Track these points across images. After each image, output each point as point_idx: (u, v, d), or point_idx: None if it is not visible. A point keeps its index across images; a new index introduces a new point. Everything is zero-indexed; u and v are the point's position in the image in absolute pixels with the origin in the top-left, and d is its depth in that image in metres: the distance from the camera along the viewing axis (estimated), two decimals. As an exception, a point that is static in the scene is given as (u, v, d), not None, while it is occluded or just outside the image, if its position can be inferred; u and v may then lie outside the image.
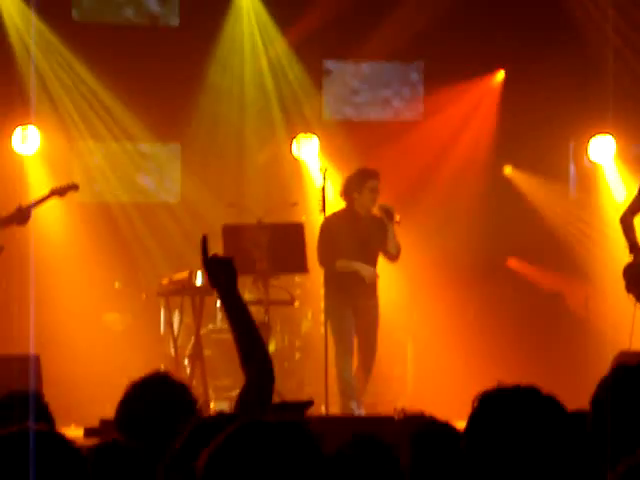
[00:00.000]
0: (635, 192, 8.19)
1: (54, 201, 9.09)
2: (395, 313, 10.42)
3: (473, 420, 2.49)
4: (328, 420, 7.38)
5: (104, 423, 6.64)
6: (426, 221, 11.13)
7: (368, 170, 9.03)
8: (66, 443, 2.31)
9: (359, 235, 8.84)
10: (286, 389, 9.16)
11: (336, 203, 9.45)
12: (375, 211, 8.96)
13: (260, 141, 11.35)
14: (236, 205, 9.32)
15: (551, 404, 2.49)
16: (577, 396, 5.41)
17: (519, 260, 11.40)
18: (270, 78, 11.41)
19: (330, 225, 8.83)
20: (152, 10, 11.44)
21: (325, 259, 8.77)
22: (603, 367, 7.93)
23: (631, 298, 8.01)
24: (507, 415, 2.45)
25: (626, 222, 8.07)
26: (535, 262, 11.24)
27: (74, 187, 8.79)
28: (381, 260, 9.13)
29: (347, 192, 8.93)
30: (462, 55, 11.18)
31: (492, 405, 2.48)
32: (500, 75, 11.71)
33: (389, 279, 10.10)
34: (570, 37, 11.06)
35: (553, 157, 11.39)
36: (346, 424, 6.78)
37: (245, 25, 11.45)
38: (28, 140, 10.86)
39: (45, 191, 8.85)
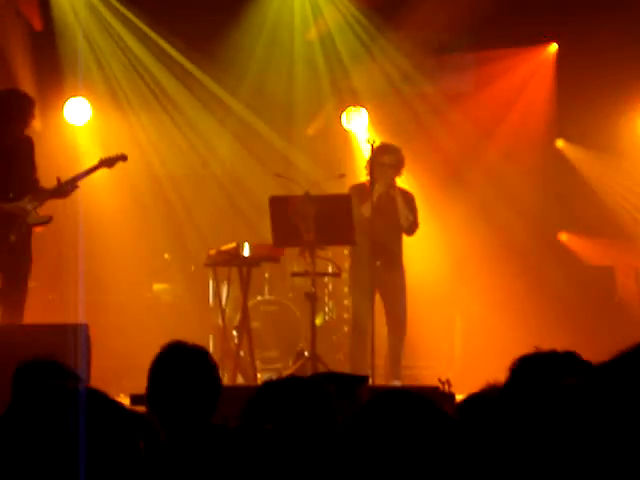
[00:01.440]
0: None
1: (105, 172, 9.13)
2: (444, 287, 10.38)
3: (511, 380, 2.48)
4: (374, 390, 7.38)
5: (150, 392, 6.69)
6: (477, 194, 11.05)
7: (382, 146, 9.10)
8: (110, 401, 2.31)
9: (377, 208, 8.87)
10: (333, 362, 9.18)
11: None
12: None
13: (309, 113, 11.32)
14: (284, 176, 9.31)
15: (588, 368, 2.47)
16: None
17: (570, 234, 11.30)
18: (320, 49, 11.37)
19: (354, 191, 8.98)
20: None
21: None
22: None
23: None
24: (544, 376, 2.44)
25: None
26: (586, 236, 11.12)
27: (122, 158, 8.81)
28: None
29: (367, 166, 9.04)
30: (514, 27, 11.05)
31: (529, 367, 2.47)
32: (553, 47, 11.56)
33: (437, 253, 10.05)
34: (625, 9, 10.88)
35: (606, 130, 11.22)
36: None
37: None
38: (79, 111, 10.95)
39: (94, 162, 8.89)
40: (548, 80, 11.53)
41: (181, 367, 3.79)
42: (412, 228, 9.10)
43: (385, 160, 8.97)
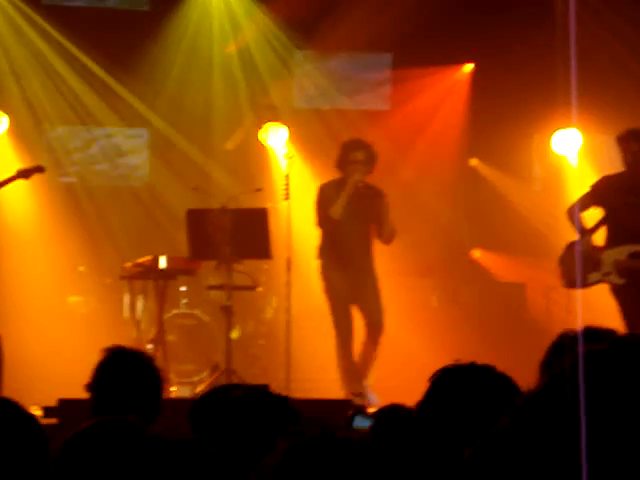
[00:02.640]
0: (588, 188, 8.31)
1: (20, 183, 9.05)
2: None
3: (429, 392, 2.55)
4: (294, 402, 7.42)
5: (63, 403, 6.66)
6: (393, 210, 11.16)
7: (350, 142, 8.82)
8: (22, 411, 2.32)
9: (347, 207, 8.60)
10: (249, 375, 9.20)
11: (301, 190, 9.47)
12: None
13: (228, 127, 11.37)
14: (201, 190, 9.32)
15: (504, 381, 2.56)
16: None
17: (483, 250, 11.50)
18: (239, 65, 11.43)
19: (325, 191, 8.69)
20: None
21: (322, 219, 8.65)
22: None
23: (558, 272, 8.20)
24: (461, 388, 2.51)
25: (573, 213, 8.22)
26: (499, 253, 11.33)
27: (40, 169, 8.75)
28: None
29: (337, 165, 8.75)
30: (431, 47, 11.24)
31: (449, 378, 2.54)
32: (468, 67, 11.78)
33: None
34: (538, 31, 11.13)
35: (519, 149, 11.48)
36: (305, 408, 6.82)
37: (214, 11, 11.45)
38: (-4, 123, 10.85)
39: (11, 173, 8.81)
40: (463, 99, 11.73)
41: (127, 371, 3.75)
42: (392, 235, 8.78)
43: (357, 157, 8.60)
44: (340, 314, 8.78)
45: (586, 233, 8.11)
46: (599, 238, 8.29)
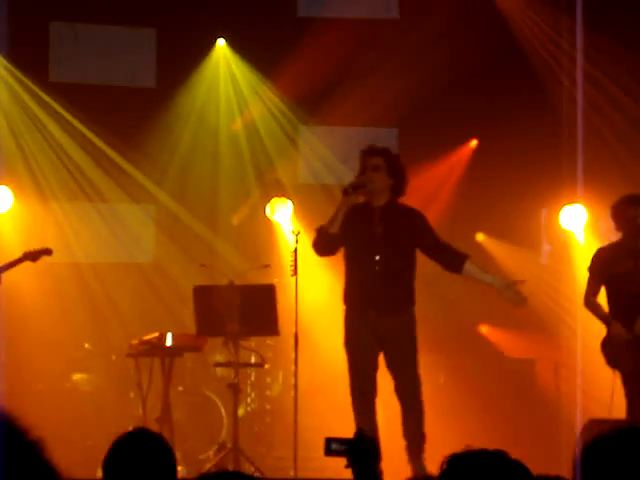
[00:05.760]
0: (587, 273, 8.22)
1: (26, 263, 9.04)
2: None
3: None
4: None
5: (70, 485, 6.56)
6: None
7: (367, 148, 7.42)
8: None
9: (371, 228, 7.30)
10: (255, 454, 9.09)
11: (308, 266, 9.43)
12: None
13: (234, 203, 11.39)
14: (208, 266, 9.30)
15: (518, 468, 2.51)
16: (546, 463, 5.41)
17: (490, 326, 11.43)
18: (245, 140, 11.49)
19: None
20: (128, 71, 11.51)
21: (320, 238, 7.26)
22: (572, 435, 7.93)
23: (616, 373, 7.96)
24: (474, 477, 2.46)
25: (590, 304, 8.09)
26: (506, 328, 11.26)
27: (47, 252, 8.77)
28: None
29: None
30: (436, 124, 11.29)
31: (459, 467, 2.49)
32: (473, 143, 11.83)
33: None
34: (544, 106, 11.20)
35: (525, 225, 11.47)
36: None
37: (221, 86, 11.55)
38: (0, 199, 10.85)
39: (18, 254, 8.82)
40: (467, 175, 11.76)
41: (141, 454, 3.68)
42: (456, 259, 7.30)
43: (369, 162, 7.16)
44: (356, 361, 7.14)
45: (611, 320, 7.92)
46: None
